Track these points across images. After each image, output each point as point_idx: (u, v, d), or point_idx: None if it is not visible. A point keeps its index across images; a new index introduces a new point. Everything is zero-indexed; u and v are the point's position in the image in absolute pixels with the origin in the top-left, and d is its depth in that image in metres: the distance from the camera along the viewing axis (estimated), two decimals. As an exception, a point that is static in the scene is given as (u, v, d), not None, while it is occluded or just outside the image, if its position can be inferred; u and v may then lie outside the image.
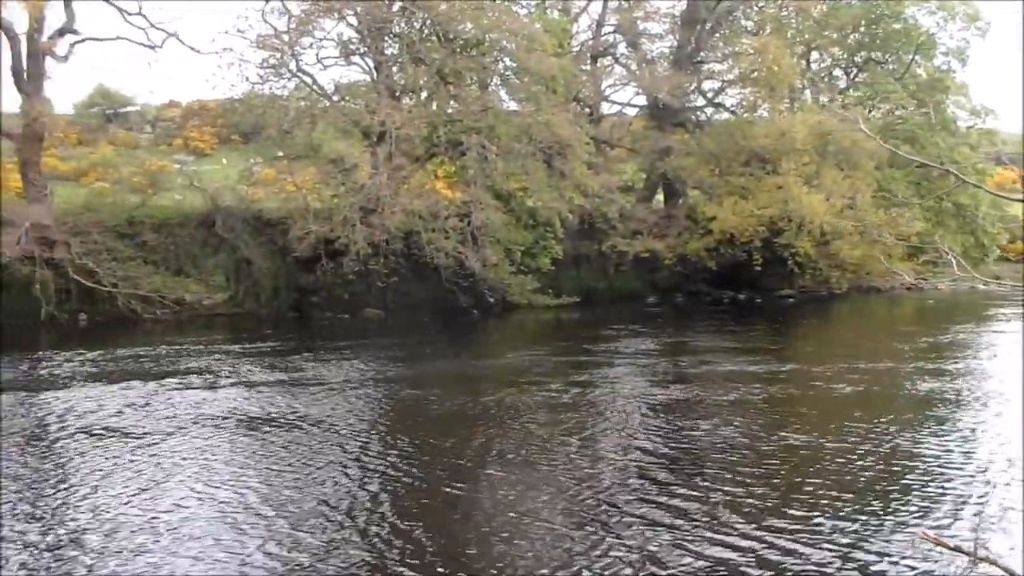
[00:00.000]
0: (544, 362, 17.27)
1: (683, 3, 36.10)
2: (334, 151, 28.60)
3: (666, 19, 36.96)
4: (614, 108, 39.13)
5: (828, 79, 42.19)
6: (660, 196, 37.62)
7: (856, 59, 41.05)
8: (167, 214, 27.66)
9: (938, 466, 8.85)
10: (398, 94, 29.11)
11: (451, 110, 28.84)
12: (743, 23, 38.15)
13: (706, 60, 36.14)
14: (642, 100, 36.77)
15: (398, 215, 26.00)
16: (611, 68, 38.09)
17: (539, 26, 29.49)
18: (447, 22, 27.89)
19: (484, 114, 27.83)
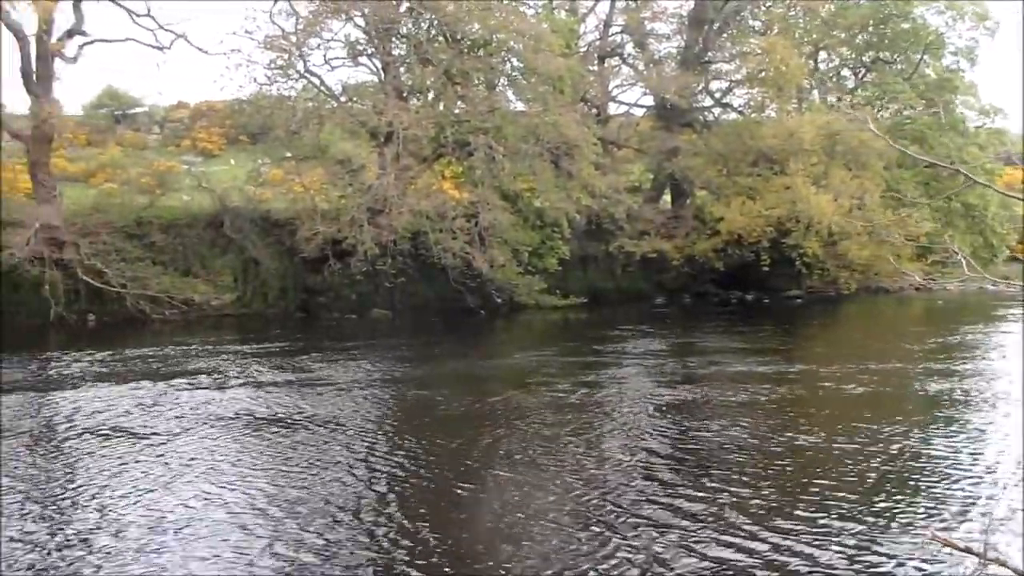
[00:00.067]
0: (551, 362, 17.27)
1: (691, 3, 36.10)
2: (342, 152, 28.69)
3: (673, 19, 36.95)
4: (621, 108, 39.21)
5: (836, 79, 42.06)
6: (667, 197, 37.55)
7: (864, 59, 40.92)
8: (175, 215, 27.77)
9: (947, 467, 8.82)
10: (405, 95, 29.13)
11: (458, 111, 28.83)
12: (751, 23, 38.09)
13: (714, 60, 36.06)
14: (649, 100, 36.83)
15: (405, 215, 26.04)
16: (618, 68, 38.10)
17: (546, 26, 29.47)
18: (454, 23, 27.91)
19: (491, 114, 27.82)
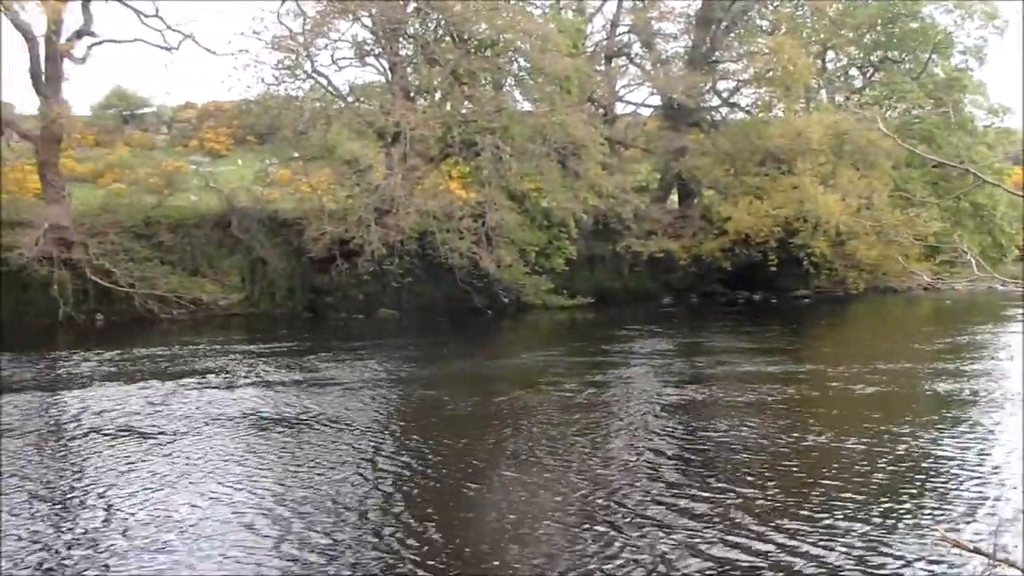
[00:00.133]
0: (558, 362, 17.26)
1: (698, 3, 36.01)
2: (349, 152, 28.75)
3: (681, 19, 36.93)
4: (628, 108, 39.23)
5: (844, 78, 41.95)
6: (675, 196, 37.52)
7: (872, 58, 40.76)
8: (183, 215, 27.86)
9: (955, 467, 8.78)
10: (412, 95, 29.18)
11: (465, 111, 28.86)
12: (758, 22, 37.98)
13: (721, 60, 36.01)
14: (657, 100, 36.80)
15: (412, 215, 26.07)
16: (625, 68, 38.08)
17: (553, 26, 29.47)
18: (461, 23, 27.94)
19: (498, 114, 27.85)
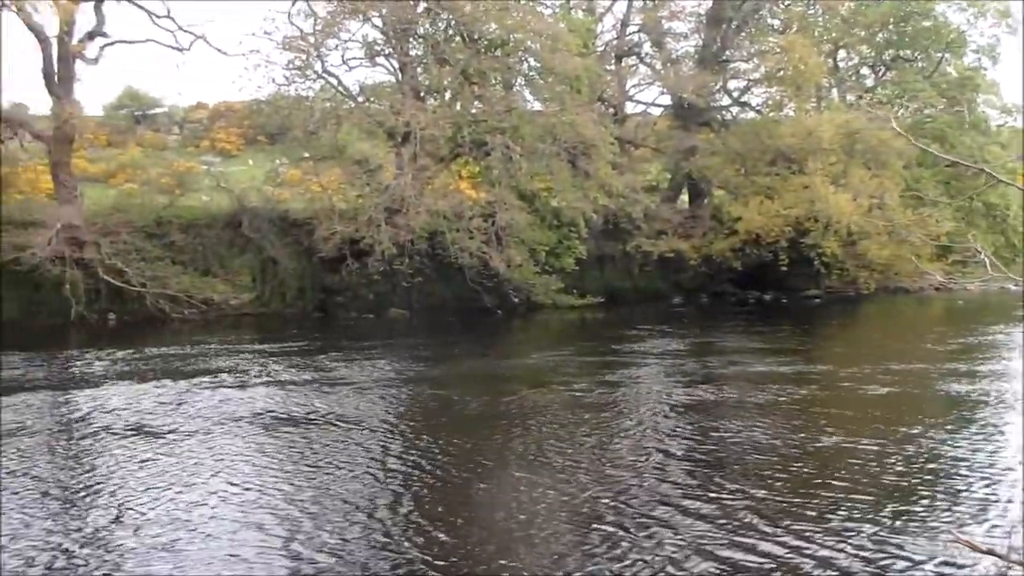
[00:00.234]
0: (568, 362, 17.25)
1: (708, 2, 35.89)
2: (359, 152, 28.81)
3: (691, 18, 36.86)
4: (639, 108, 39.18)
5: (856, 78, 41.80)
6: (685, 196, 37.46)
7: (884, 57, 40.60)
8: (195, 215, 27.97)
9: (967, 468, 8.72)
10: (423, 95, 29.20)
11: (475, 110, 28.87)
12: (769, 21, 37.84)
13: (732, 59, 35.90)
14: (667, 100, 36.72)
15: (423, 215, 26.09)
16: (636, 68, 38.01)
17: (563, 26, 29.44)
18: (472, 23, 27.94)
19: (508, 114, 27.83)
